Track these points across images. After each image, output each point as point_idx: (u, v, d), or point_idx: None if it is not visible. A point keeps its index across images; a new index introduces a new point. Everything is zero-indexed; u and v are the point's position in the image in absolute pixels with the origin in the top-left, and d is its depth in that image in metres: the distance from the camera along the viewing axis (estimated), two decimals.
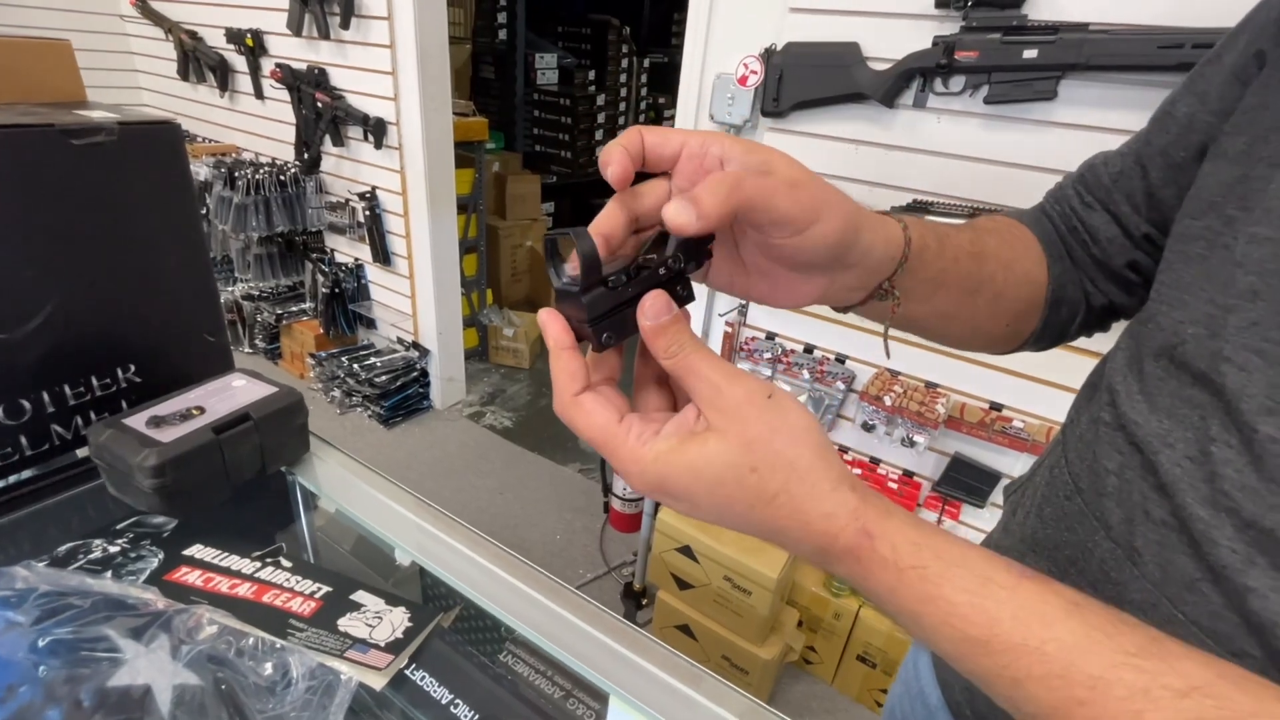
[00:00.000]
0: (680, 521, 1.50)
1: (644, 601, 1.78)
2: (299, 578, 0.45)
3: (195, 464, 0.50)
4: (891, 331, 0.43)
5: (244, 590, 0.43)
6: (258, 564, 0.46)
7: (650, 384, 0.32)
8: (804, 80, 1.33)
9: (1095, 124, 1.10)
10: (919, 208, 1.28)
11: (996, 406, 1.37)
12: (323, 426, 2.50)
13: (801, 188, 0.30)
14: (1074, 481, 0.42)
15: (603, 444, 0.28)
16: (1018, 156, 1.19)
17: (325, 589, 0.45)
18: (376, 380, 2.47)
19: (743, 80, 1.40)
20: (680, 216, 0.27)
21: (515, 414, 2.72)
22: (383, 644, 0.41)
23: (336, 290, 2.59)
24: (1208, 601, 0.32)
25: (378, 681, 0.38)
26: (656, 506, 1.63)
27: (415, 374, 2.57)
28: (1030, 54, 1.09)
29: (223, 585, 0.43)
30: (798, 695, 1.64)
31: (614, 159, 0.29)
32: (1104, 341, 0.51)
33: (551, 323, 0.29)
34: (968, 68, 1.15)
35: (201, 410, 0.54)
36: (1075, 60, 1.06)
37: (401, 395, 2.53)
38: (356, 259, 2.63)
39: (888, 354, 0.47)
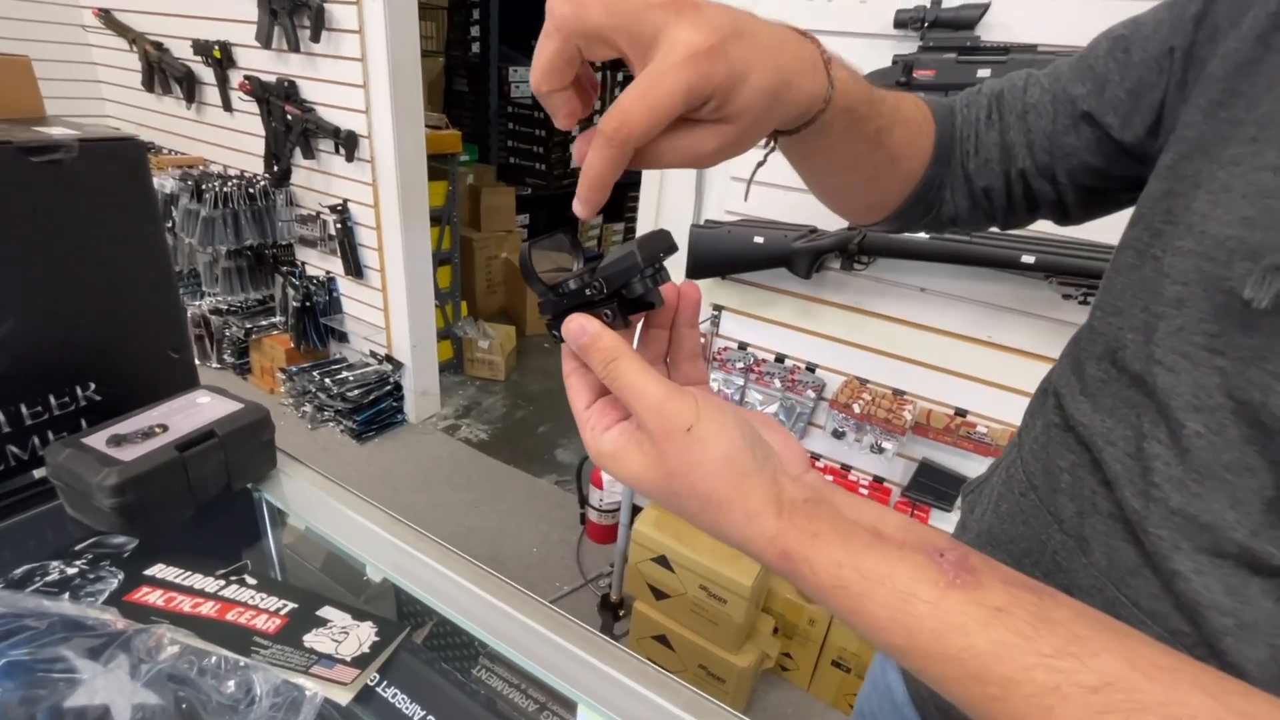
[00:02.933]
0: (656, 531, 1.51)
1: (621, 613, 1.78)
2: (264, 595, 0.45)
3: (157, 482, 0.50)
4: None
5: (207, 609, 0.43)
6: (221, 582, 0.46)
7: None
8: None
9: None
10: None
11: (961, 412, 1.41)
12: (294, 442, 2.46)
13: (713, 54, 0.28)
14: (1029, 480, 0.44)
15: (576, 417, 0.32)
16: None
17: (290, 605, 0.45)
18: (349, 394, 2.43)
19: None
20: (613, 129, 0.27)
21: (491, 426, 2.70)
22: (349, 659, 0.41)
23: (307, 304, 2.56)
24: (1146, 585, 0.35)
25: (343, 696, 0.38)
26: (633, 517, 1.64)
27: (388, 388, 2.54)
28: (984, 73, 1.13)
29: (185, 604, 0.43)
30: (774, 702, 1.65)
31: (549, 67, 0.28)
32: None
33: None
34: (926, 85, 1.19)
35: (165, 428, 0.53)
36: None
37: (374, 409, 2.50)
38: (328, 272, 2.60)
39: (746, 197, 0.48)
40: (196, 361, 2.73)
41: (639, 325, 0.34)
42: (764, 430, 0.31)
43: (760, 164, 0.44)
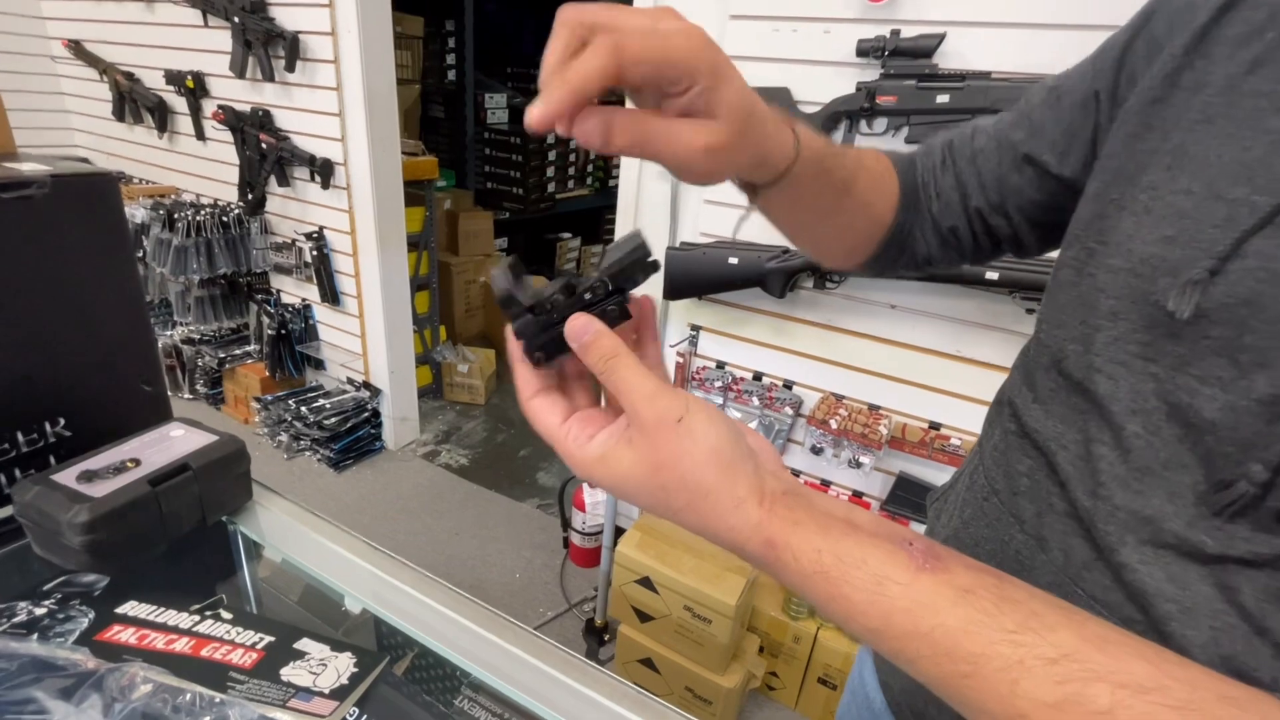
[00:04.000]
0: (639, 553, 1.51)
1: (606, 638, 1.76)
2: (240, 629, 0.45)
3: (130, 518, 0.49)
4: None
5: (181, 645, 0.42)
6: (196, 618, 0.45)
7: (589, 379, 0.35)
8: None
9: None
10: None
11: (935, 425, 1.44)
12: (269, 473, 2.41)
13: (715, 154, 0.32)
14: (990, 485, 0.46)
15: (549, 441, 0.32)
16: None
17: (267, 639, 0.44)
18: (326, 422, 2.40)
19: None
20: (590, 135, 0.28)
21: (471, 451, 2.68)
22: (327, 691, 0.40)
23: (283, 331, 2.53)
24: (1100, 578, 0.37)
25: None
26: (615, 539, 1.63)
27: (366, 414, 2.51)
28: (943, 99, 1.18)
29: (158, 642, 0.42)
30: None
31: (559, 106, 0.28)
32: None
33: (509, 340, 0.33)
34: (888, 111, 1.23)
35: (137, 462, 0.53)
36: (983, 105, 1.15)
37: (352, 437, 2.47)
38: (304, 299, 2.58)
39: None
40: (168, 393, 2.68)
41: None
42: (745, 432, 0.32)
43: (744, 218, 0.47)
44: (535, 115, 0.28)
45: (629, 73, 0.28)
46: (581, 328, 0.30)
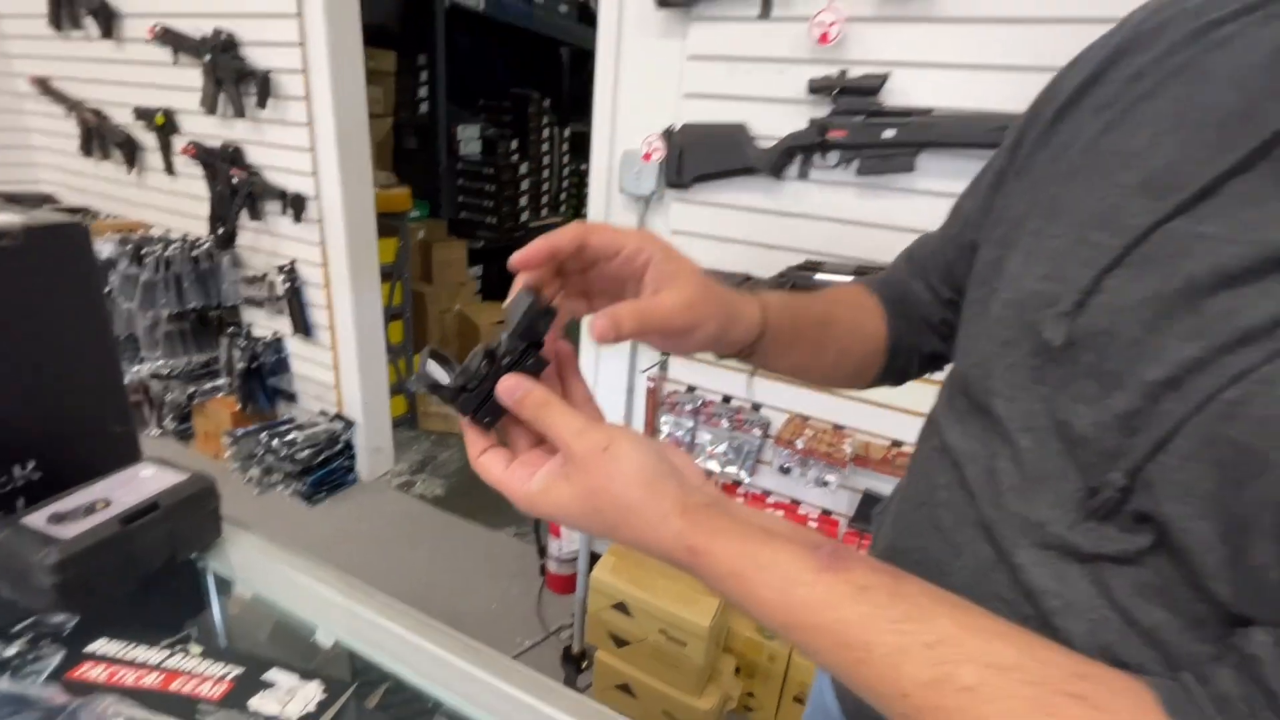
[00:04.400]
0: (614, 578, 1.52)
1: (584, 665, 1.76)
2: (209, 662, 0.46)
3: (100, 558, 0.50)
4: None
5: (151, 680, 0.44)
6: (166, 652, 0.47)
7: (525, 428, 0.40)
8: (701, 156, 1.46)
9: (950, 191, 1.26)
10: (811, 267, 1.41)
11: (897, 443, 1.49)
12: (240, 509, 2.35)
13: (693, 308, 0.39)
14: (918, 498, 0.51)
15: (498, 488, 0.37)
16: (889, 220, 1.34)
17: (236, 670, 0.46)
18: (298, 455, 2.38)
19: (647, 156, 1.52)
20: (608, 332, 0.36)
21: (447, 480, 2.67)
22: (296, 718, 0.42)
23: (254, 365, 2.51)
24: (1003, 579, 0.41)
25: None
26: (591, 564, 1.64)
27: (340, 446, 2.49)
28: (889, 133, 1.26)
29: (128, 677, 0.44)
30: None
31: (532, 251, 0.36)
32: None
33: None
34: (839, 145, 1.30)
35: (107, 503, 0.54)
36: (926, 139, 1.23)
37: (325, 470, 2.45)
38: (275, 332, 2.57)
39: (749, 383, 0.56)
40: (136, 433, 2.63)
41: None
42: (668, 453, 0.37)
43: (751, 376, 0.54)
44: (514, 258, 0.36)
45: (590, 239, 0.36)
46: (510, 388, 0.35)
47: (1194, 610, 0.33)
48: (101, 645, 0.47)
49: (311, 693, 0.45)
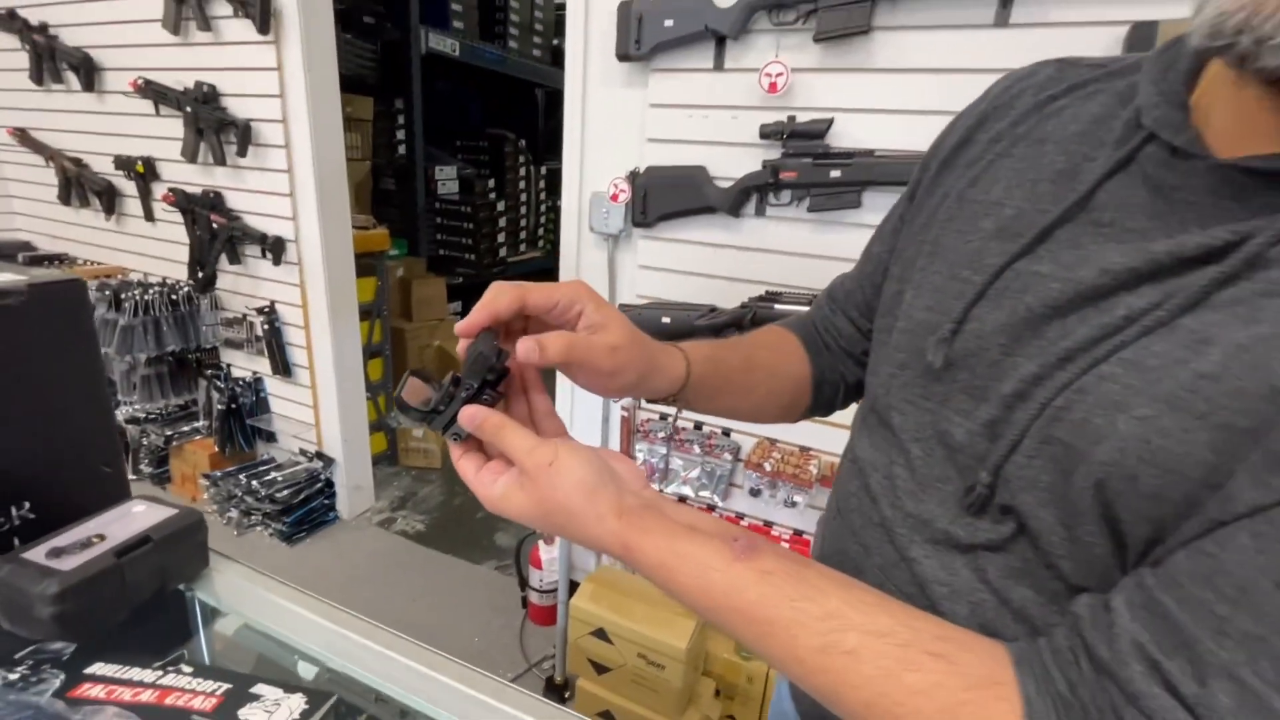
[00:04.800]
0: (593, 605, 1.55)
1: (566, 695, 1.77)
2: (200, 679, 0.50)
3: (97, 588, 0.55)
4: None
5: (146, 696, 0.48)
6: (159, 672, 0.51)
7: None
8: (665, 196, 1.55)
9: None
10: (771, 297, 1.49)
11: None
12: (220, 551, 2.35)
13: (617, 352, 0.45)
14: (838, 505, 0.57)
15: (470, 486, 0.42)
16: (841, 252, 1.43)
17: (225, 686, 0.50)
18: (278, 495, 2.38)
19: (614, 197, 1.61)
20: (532, 355, 0.41)
21: (428, 516, 2.68)
22: None
23: (233, 405, 2.53)
24: (902, 573, 0.47)
25: None
26: (570, 593, 1.67)
27: (320, 485, 2.50)
28: (836, 173, 1.36)
29: (125, 695, 0.48)
30: None
31: (474, 319, 0.42)
32: None
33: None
34: (790, 185, 1.40)
35: (102, 537, 0.58)
36: (869, 178, 1.33)
37: (305, 509, 2.45)
38: (255, 372, 2.59)
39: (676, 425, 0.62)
40: (126, 473, 2.59)
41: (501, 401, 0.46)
42: (614, 462, 0.43)
43: (675, 418, 0.60)
44: (460, 325, 0.42)
45: (529, 299, 0.42)
46: (470, 416, 0.41)
47: (1051, 587, 0.39)
48: (99, 668, 0.51)
49: (295, 704, 0.49)
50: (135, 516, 0.62)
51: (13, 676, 0.49)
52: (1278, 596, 0.26)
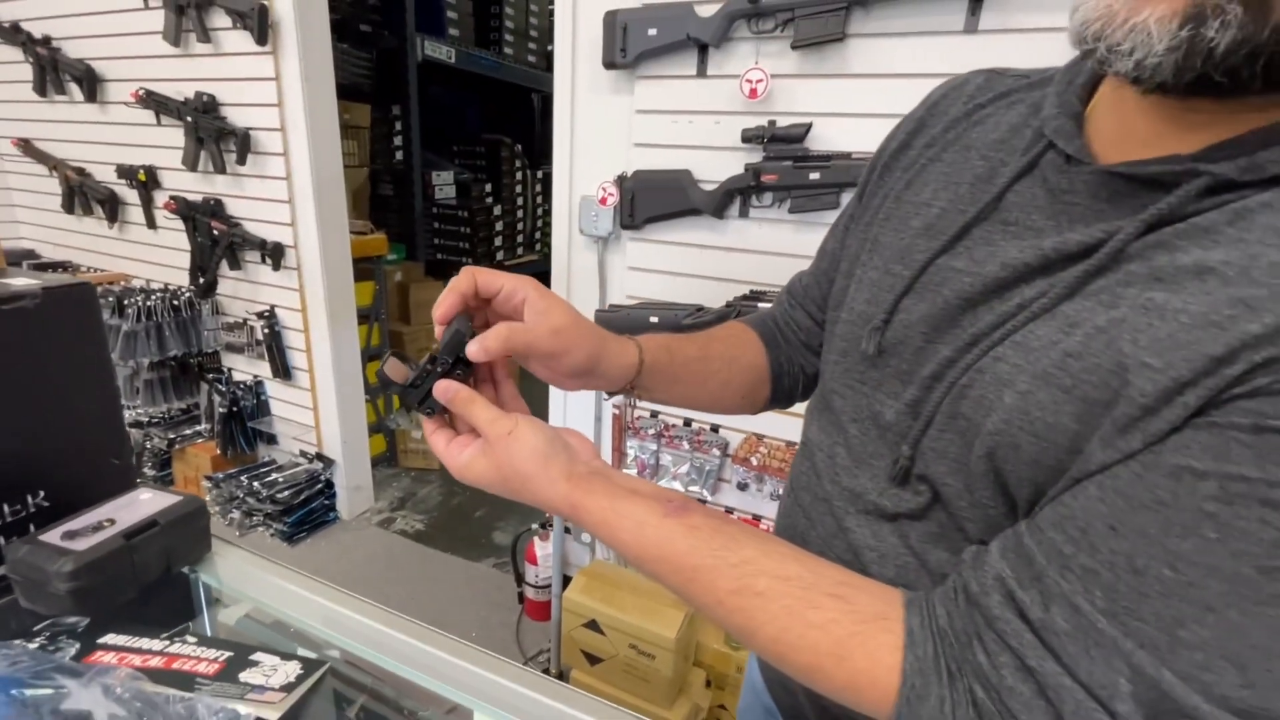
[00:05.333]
0: (585, 597, 1.59)
1: None
2: (204, 648, 0.55)
3: (107, 567, 0.59)
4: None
5: (155, 662, 0.52)
6: (166, 641, 0.55)
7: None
8: (651, 199, 1.60)
9: None
10: (755, 296, 1.54)
11: None
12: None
13: (560, 334, 0.49)
14: (792, 484, 0.61)
15: (440, 457, 0.47)
16: None
17: (227, 653, 0.54)
18: (278, 496, 2.43)
19: (603, 201, 1.66)
20: (473, 349, 0.46)
21: (427, 516, 2.72)
22: (277, 686, 0.51)
23: (234, 409, 2.57)
24: (840, 543, 0.51)
25: (272, 714, 0.49)
26: (564, 586, 1.71)
27: (320, 485, 2.54)
28: (815, 175, 1.40)
29: (135, 661, 0.52)
30: None
31: (445, 303, 0.47)
32: None
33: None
34: (772, 187, 1.44)
35: (113, 521, 0.63)
36: (847, 180, 1.37)
37: (306, 509, 2.49)
38: (255, 376, 2.64)
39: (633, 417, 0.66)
40: (133, 464, 2.61)
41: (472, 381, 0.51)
42: (568, 437, 0.47)
43: (632, 406, 0.64)
44: (435, 310, 0.47)
45: (478, 278, 0.47)
46: (444, 389, 0.46)
47: (962, 548, 0.43)
48: (111, 638, 0.55)
49: (291, 669, 0.54)
50: (142, 503, 0.67)
51: (32, 646, 0.53)
52: (1110, 537, 0.30)
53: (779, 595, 0.38)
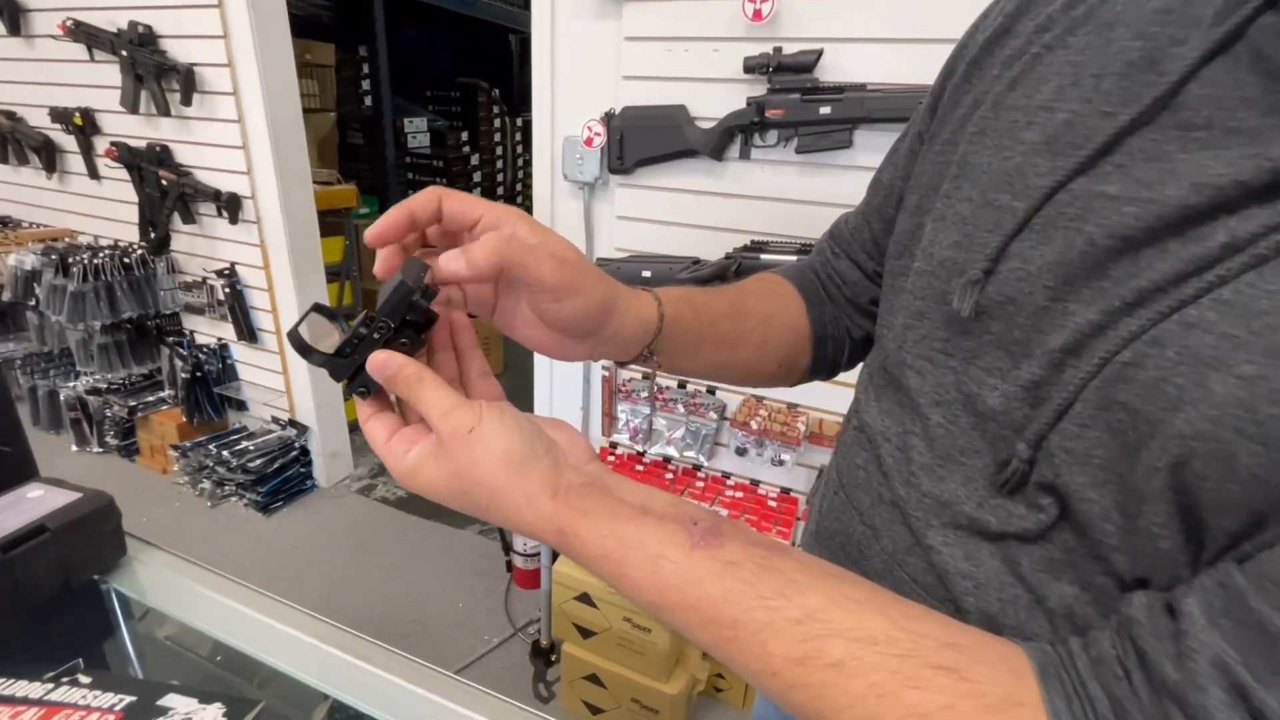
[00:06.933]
0: (576, 570, 1.51)
1: (553, 658, 1.75)
2: (97, 692, 0.43)
3: None
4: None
5: (28, 717, 0.41)
6: (49, 685, 0.44)
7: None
8: (643, 140, 1.44)
9: None
10: (757, 247, 1.40)
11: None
12: (192, 523, 2.29)
13: (566, 264, 0.36)
14: (839, 479, 0.50)
15: (379, 456, 0.35)
16: (831, 197, 1.34)
17: (127, 700, 0.43)
18: (250, 465, 2.30)
19: (588, 142, 1.50)
20: (453, 264, 0.33)
21: None
22: None
23: (198, 374, 2.42)
24: (918, 562, 0.40)
25: None
26: (554, 558, 1.63)
27: (294, 453, 2.42)
28: (825, 110, 1.25)
29: (3, 716, 0.41)
30: None
31: (390, 223, 0.34)
32: None
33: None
34: (777, 123, 1.30)
35: None
36: (860, 114, 1.23)
37: (280, 478, 2.37)
38: (219, 339, 2.47)
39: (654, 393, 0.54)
40: (74, 448, 2.50)
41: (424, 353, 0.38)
42: (552, 430, 0.35)
43: (650, 377, 0.50)
44: (371, 231, 0.34)
45: (446, 202, 0.34)
46: (381, 364, 0.33)
47: (1098, 583, 0.32)
48: None
49: (211, 717, 0.43)
50: (30, 503, 0.54)
51: None
52: None
53: (864, 669, 0.26)
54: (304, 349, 0.33)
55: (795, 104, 1.27)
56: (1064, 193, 0.32)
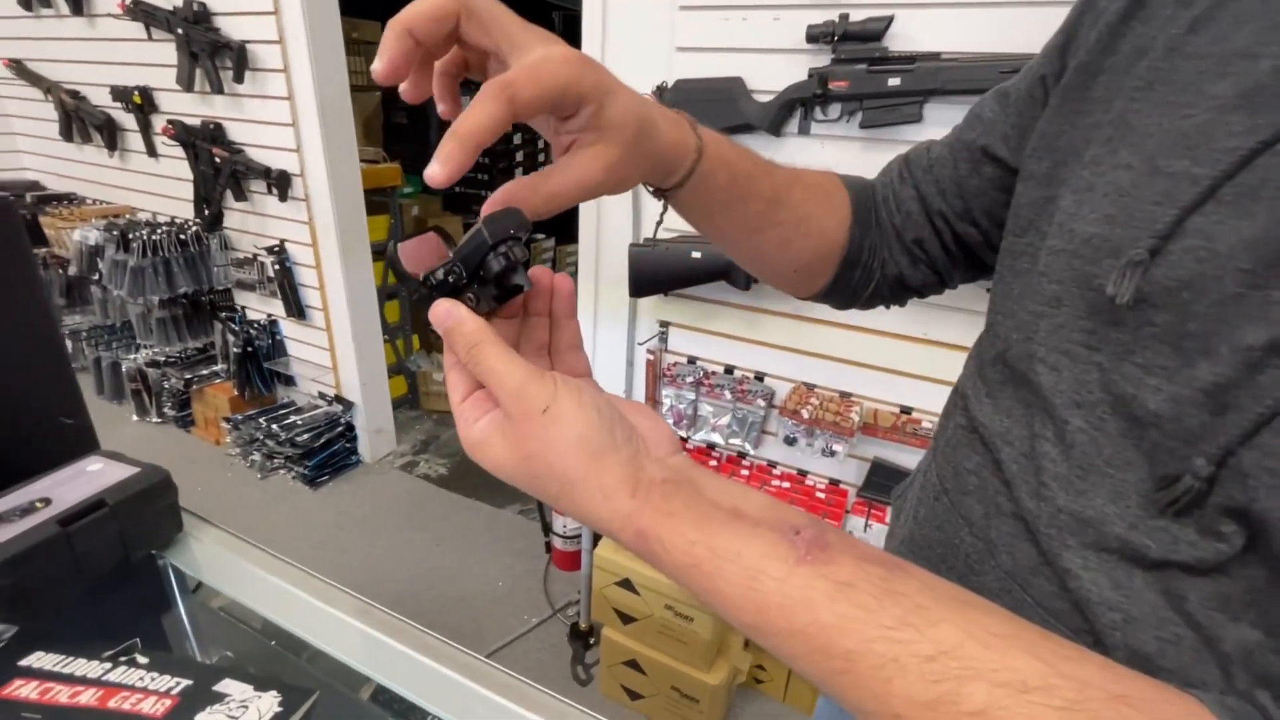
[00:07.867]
0: (618, 555, 1.49)
1: (591, 640, 1.75)
2: (155, 674, 0.42)
3: (37, 562, 0.46)
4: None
5: (87, 697, 0.40)
6: (107, 665, 0.43)
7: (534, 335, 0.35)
8: (696, 114, 1.36)
9: None
10: None
11: (906, 409, 1.44)
12: (243, 494, 2.36)
13: (603, 78, 0.32)
14: (941, 483, 0.45)
15: (453, 412, 0.31)
16: None
17: (184, 683, 0.42)
18: (298, 439, 2.35)
19: None
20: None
21: (450, 460, 2.65)
22: None
23: (249, 349, 2.48)
24: (1047, 584, 0.35)
25: None
26: (595, 541, 1.61)
27: (340, 429, 2.47)
28: (894, 82, 1.17)
29: (62, 695, 0.40)
30: (751, 716, 1.63)
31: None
32: None
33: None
34: (841, 96, 1.22)
35: (47, 501, 0.50)
36: (933, 86, 1.15)
37: (327, 452, 2.43)
38: (269, 315, 2.53)
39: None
40: (135, 418, 2.58)
41: (519, 316, 0.34)
42: (632, 415, 0.31)
43: (660, 221, 0.45)
44: (438, 176, 0.28)
45: (522, 115, 0.29)
46: (442, 315, 0.29)
47: None
48: (36, 659, 0.43)
49: (266, 705, 0.41)
50: (90, 477, 0.54)
51: None
52: None
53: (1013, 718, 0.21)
54: (395, 265, 0.31)
55: (861, 75, 1.19)
56: (1266, 157, 0.27)
